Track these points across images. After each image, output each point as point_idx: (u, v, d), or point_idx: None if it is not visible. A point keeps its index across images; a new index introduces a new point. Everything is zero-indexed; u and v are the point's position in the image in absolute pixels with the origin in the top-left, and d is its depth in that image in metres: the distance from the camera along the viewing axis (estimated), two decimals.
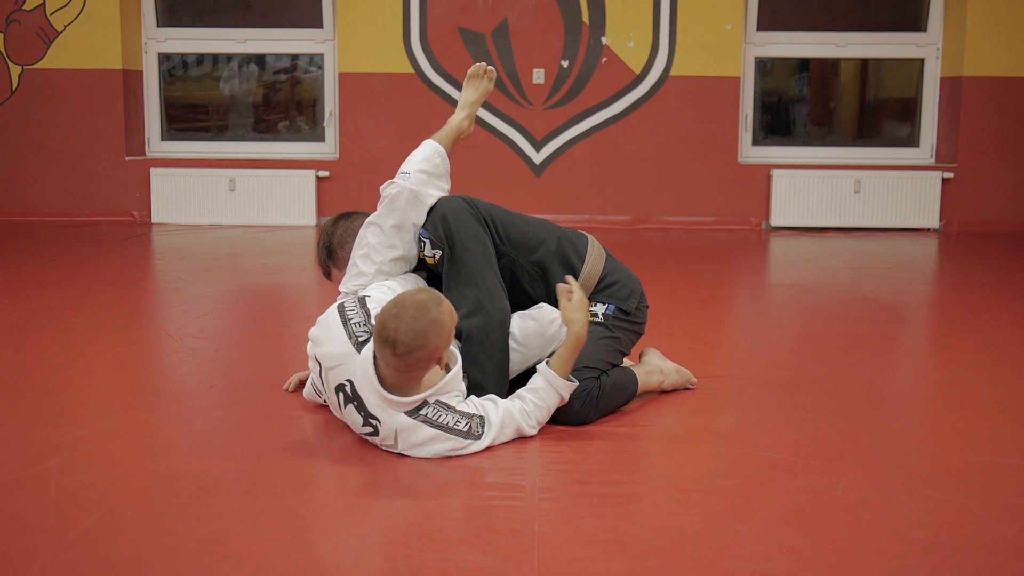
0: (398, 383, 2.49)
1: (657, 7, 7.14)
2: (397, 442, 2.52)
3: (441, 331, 2.42)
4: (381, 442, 2.56)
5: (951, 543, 2.05)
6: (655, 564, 1.96)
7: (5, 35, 7.25)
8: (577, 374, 2.75)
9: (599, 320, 2.90)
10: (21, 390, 3.12)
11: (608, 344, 2.89)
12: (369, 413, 2.52)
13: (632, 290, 2.99)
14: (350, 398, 2.55)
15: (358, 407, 2.54)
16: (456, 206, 2.88)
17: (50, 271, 5.30)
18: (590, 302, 2.91)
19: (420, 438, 2.50)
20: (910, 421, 3.01)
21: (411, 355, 2.40)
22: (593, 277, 2.94)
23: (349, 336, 2.57)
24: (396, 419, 2.49)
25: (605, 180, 7.26)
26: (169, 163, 7.35)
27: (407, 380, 2.49)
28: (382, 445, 2.57)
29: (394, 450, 2.54)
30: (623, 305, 2.95)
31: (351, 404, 2.55)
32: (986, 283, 5.16)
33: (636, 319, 2.98)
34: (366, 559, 2.00)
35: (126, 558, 1.96)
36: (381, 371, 2.48)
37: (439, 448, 2.51)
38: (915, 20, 7.39)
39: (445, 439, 2.51)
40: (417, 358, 2.42)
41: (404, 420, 2.49)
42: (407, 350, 2.39)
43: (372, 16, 7.19)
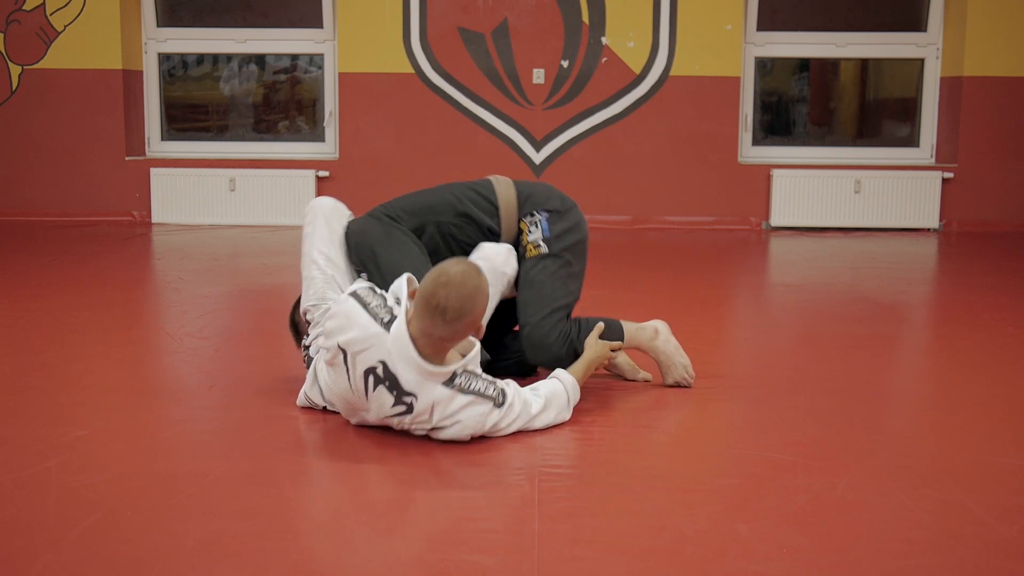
0: (433, 353, 2.56)
1: (657, 7, 7.14)
2: (432, 416, 2.56)
3: (485, 297, 2.55)
4: (413, 420, 2.58)
5: (951, 543, 2.05)
6: (655, 564, 1.96)
7: (5, 35, 7.25)
8: (548, 317, 2.94)
9: (542, 247, 3.03)
10: (21, 390, 3.11)
11: (561, 273, 3.04)
12: (403, 391, 2.55)
13: (551, 194, 3.14)
14: (381, 379, 2.56)
15: (390, 387, 2.56)
16: (351, 229, 3.13)
17: (50, 271, 5.30)
18: (524, 225, 3.08)
19: (455, 406, 2.56)
20: (910, 421, 3.01)
21: (460, 321, 2.50)
22: (511, 202, 3.11)
23: (374, 318, 2.59)
24: (433, 392, 2.55)
25: (605, 180, 7.26)
26: (169, 163, 7.35)
27: (444, 350, 2.57)
28: (413, 423, 2.59)
29: (424, 427, 2.58)
30: (549, 206, 3.09)
31: (381, 385, 2.56)
32: (986, 283, 5.16)
33: (572, 219, 3.10)
34: (366, 559, 2.00)
35: (126, 558, 1.96)
36: (417, 343, 2.53)
37: (471, 415, 2.57)
38: (915, 20, 7.39)
39: (479, 403, 2.58)
40: (465, 324, 2.52)
41: (441, 392, 2.55)
42: (457, 316, 2.49)
43: (372, 16, 7.19)
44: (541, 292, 3.01)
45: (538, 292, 3.01)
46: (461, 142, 7.28)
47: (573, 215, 3.13)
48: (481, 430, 2.61)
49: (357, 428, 2.74)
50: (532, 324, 2.99)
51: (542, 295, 3.01)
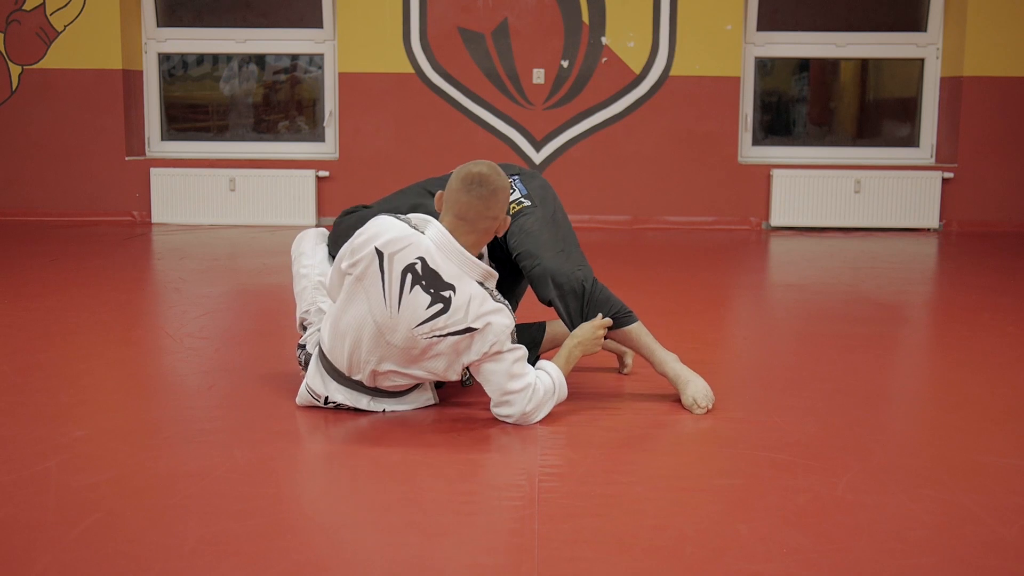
0: (469, 247, 2.67)
1: (657, 7, 7.14)
2: (468, 312, 2.62)
3: (508, 190, 2.71)
4: (447, 320, 2.62)
5: (951, 543, 2.05)
6: (655, 564, 1.96)
7: (5, 35, 7.25)
8: (561, 254, 2.93)
9: (524, 203, 3.02)
10: (21, 390, 3.11)
11: (558, 219, 3.05)
12: (443, 284, 2.62)
13: (513, 165, 3.20)
14: (419, 276, 2.63)
15: (427, 285, 2.62)
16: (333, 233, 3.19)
17: (50, 271, 5.30)
18: None
19: (488, 307, 2.64)
20: (910, 421, 3.01)
21: (495, 196, 2.65)
22: None
23: (408, 224, 2.70)
24: (471, 286, 2.64)
25: (605, 180, 7.26)
26: (169, 163, 7.35)
27: (478, 243, 2.69)
28: (447, 326, 2.62)
29: (458, 327, 2.62)
30: (513, 170, 3.13)
31: (418, 285, 2.62)
32: (986, 283, 5.16)
33: (541, 180, 3.15)
34: (366, 559, 2.00)
35: (126, 558, 1.96)
36: (455, 236, 2.66)
37: (500, 322, 2.63)
38: (915, 20, 7.40)
39: (505, 314, 2.66)
40: (499, 201, 2.66)
41: (477, 288, 2.64)
42: (492, 190, 2.65)
43: (372, 16, 7.19)
44: (540, 238, 2.95)
45: (536, 236, 2.96)
46: (461, 142, 7.28)
47: (540, 178, 3.18)
48: (502, 348, 2.66)
49: (357, 428, 2.74)
50: (538, 264, 2.91)
51: (541, 240, 2.95)
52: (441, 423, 2.80)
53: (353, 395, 2.84)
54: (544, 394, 2.78)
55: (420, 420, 2.82)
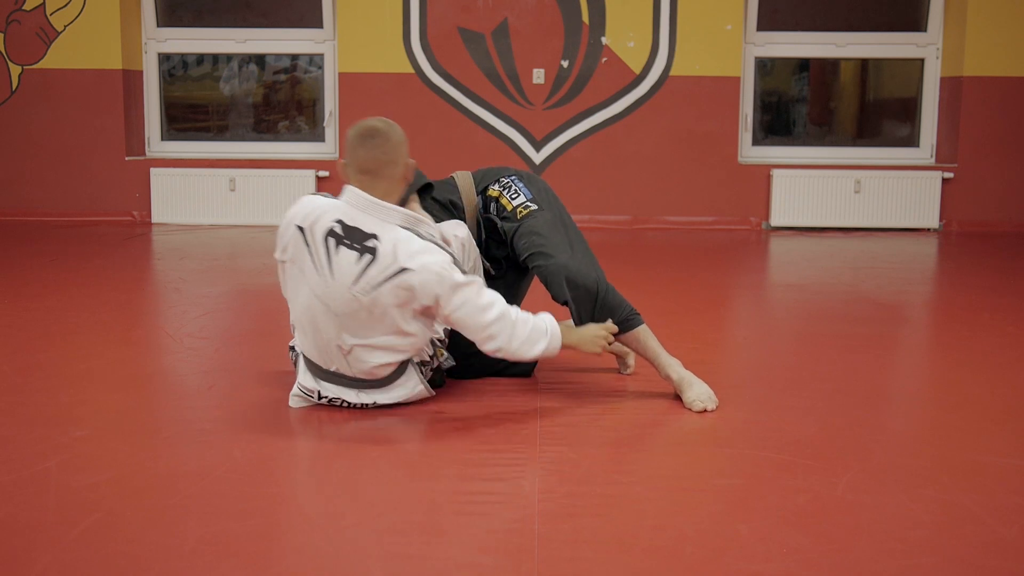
0: (381, 196, 2.72)
1: (657, 7, 7.14)
2: (397, 255, 2.62)
3: (405, 140, 2.79)
4: (381, 271, 2.63)
5: (951, 543, 2.05)
6: (655, 564, 1.96)
7: (5, 35, 7.25)
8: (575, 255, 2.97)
9: (531, 206, 3.10)
10: (21, 390, 3.12)
11: (566, 222, 3.11)
12: (365, 236, 2.65)
13: (506, 166, 3.28)
14: (341, 237, 2.66)
15: (351, 242, 2.65)
16: None
17: (50, 271, 5.30)
18: (495, 192, 3.17)
19: (416, 247, 2.64)
20: (910, 421, 3.01)
21: (389, 142, 2.72)
22: (467, 179, 3.25)
23: (323, 196, 2.78)
24: (395, 231, 2.66)
25: (605, 180, 7.26)
26: (169, 163, 7.35)
27: (388, 191, 2.73)
28: (380, 273, 2.62)
29: (391, 271, 2.62)
30: (508, 172, 3.21)
31: (342, 245, 2.66)
32: (986, 283, 5.16)
33: (540, 182, 3.21)
34: (366, 559, 2.00)
35: (126, 558, 1.96)
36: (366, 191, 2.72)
37: (435, 260, 2.62)
38: (915, 20, 7.40)
39: (438, 251, 2.65)
40: (394, 147, 2.72)
41: (401, 232, 2.67)
42: (385, 137, 2.72)
43: (372, 16, 7.19)
44: (551, 238, 3.01)
45: (547, 236, 3.01)
46: (461, 142, 7.28)
47: (540, 180, 3.24)
48: (444, 284, 2.62)
49: (356, 428, 2.74)
50: (551, 262, 2.96)
51: (552, 239, 3.01)
52: (440, 423, 2.80)
53: (340, 390, 2.84)
54: (532, 331, 2.74)
55: (419, 420, 2.82)
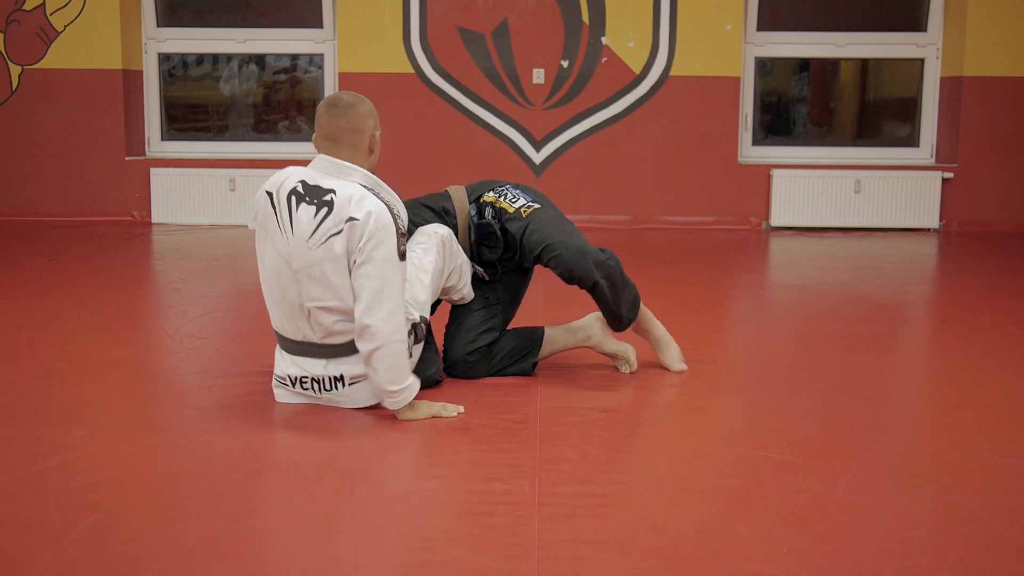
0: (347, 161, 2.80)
1: (657, 7, 7.14)
2: (350, 204, 2.68)
3: (373, 112, 2.85)
4: (334, 218, 2.68)
5: (951, 543, 2.05)
6: (655, 564, 1.96)
7: (5, 35, 7.25)
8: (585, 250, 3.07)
9: (534, 205, 3.19)
10: (21, 390, 3.12)
11: (559, 218, 3.21)
12: (324, 191, 2.72)
13: (491, 181, 3.34)
14: (303, 195, 2.74)
15: (311, 198, 2.73)
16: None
17: (50, 271, 5.30)
18: (493, 199, 3.23)
19: (370, 204, 2.69)
20: (910, 421, 3.01)
21: (352, 109, 2.80)
22: (460, 190, 3.28)
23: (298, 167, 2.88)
24: (354, 188, 2.73)
25: (605, 180, 7.26)
26: (169, 163, 7.35)
27: (351, 159, 2.80)
28: (335, 224, 2.67)
29: (341, 218, 2.67)
30: (502, 183, 3.30)
31: (303, 202, 2.73)
32: (986, 283, 5.16)
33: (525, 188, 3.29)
34: (366, 559, 2.00)
35: (126, 558, 1.96)
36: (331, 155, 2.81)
37: (381, 216, 2.67)
38: (915, 20, 7.40)
39: (385, 212, 2.69)
40: (358, 114, 2.79)
41: (359, 188, 2.73)
42: (349, 105, 2.80)
43: (372, 16, 7.19)
44: (560, 229, 3.12)
45: (557, 228, 3.12)
46: (461, 142, 7.28)
47: (532, 188, 3.33)
48: (379, 242, 2.66)
49: (356, 428, 2.74)
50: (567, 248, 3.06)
51: (562, 230, 3.13)
52: (440, 423, 2.80)
53: (309, 363, 2.84)
54: (400, 368, 2.71)
55: (419, 421, 2.82)
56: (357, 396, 2.86)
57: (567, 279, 3.08)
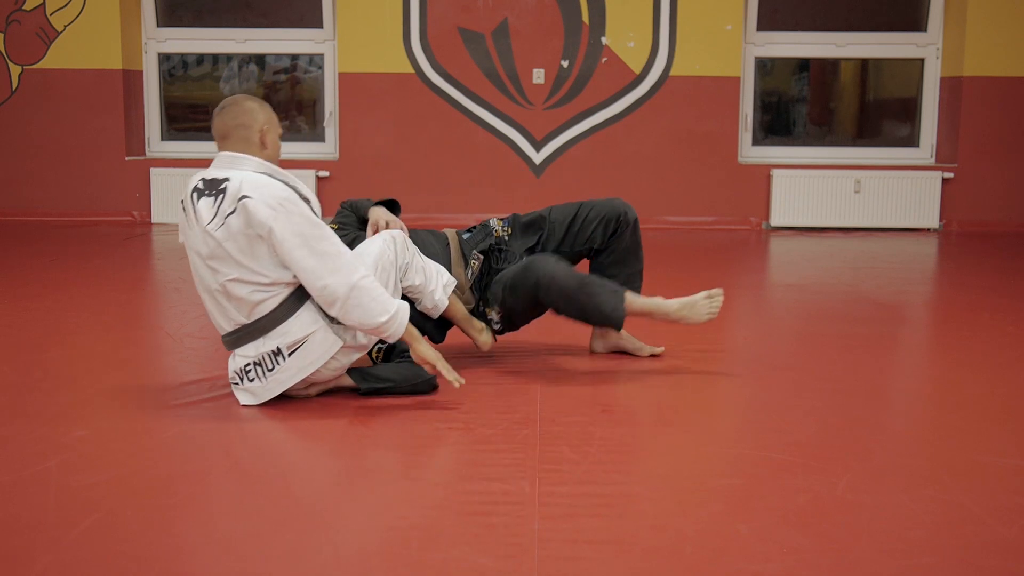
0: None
1: (657, 7, 7.14)
2: (242, 188, 2.73)
3: (258, 108, 2.90)
4: (227, 203, 2.73)
5: (951, 543, 2.05)
6: (655, 564, 1.96)
7: (5, 35, 7.25)
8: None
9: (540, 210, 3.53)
10: (21, 390, 3.12)
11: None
12: (219, 181, 2.79)
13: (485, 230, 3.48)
14: (202, 190, 2.81)
15: (208, 190, 2.80)
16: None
17: (50, 271, 5.30)
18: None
19: (262, 181, 2.76)
20: (910, 421, 3.01)
21: (236, 105, 2.87)
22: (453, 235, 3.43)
23: None
24: (245, 173, 2.80)
25: (605, 180, 7.26)
26: (169, 163, 7.35)
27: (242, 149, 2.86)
28: (229, 207, 2.73)
29: (235, 199, 2.72)
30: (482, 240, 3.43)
31: (203, 196, 2.80)
32: (986, 283, 5.16)
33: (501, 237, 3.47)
34: (366, 559, 2.00)
35: (126, 558, 1.96)
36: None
37: (271, 192, 2.72)
38: (915, 20, 7.40)
39: (281, 187, 2.77)
40: (244, 111, 2.86)
41: (251, 174, 2.80)
42: (231, 102, 2.89)
43: (372, 16, 7.19)
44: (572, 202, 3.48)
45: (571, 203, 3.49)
46: (461, 142, 7.28)
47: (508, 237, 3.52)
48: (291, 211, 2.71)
49: (356, 428, 2.74)
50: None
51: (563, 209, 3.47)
52: (440, 423, 2.80)
53: (246, 348, 2.86)
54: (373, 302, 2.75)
55: (419, 421, 2.82)
56: (306, 362, 2.83)
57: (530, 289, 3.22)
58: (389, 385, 2.98)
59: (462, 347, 3.48)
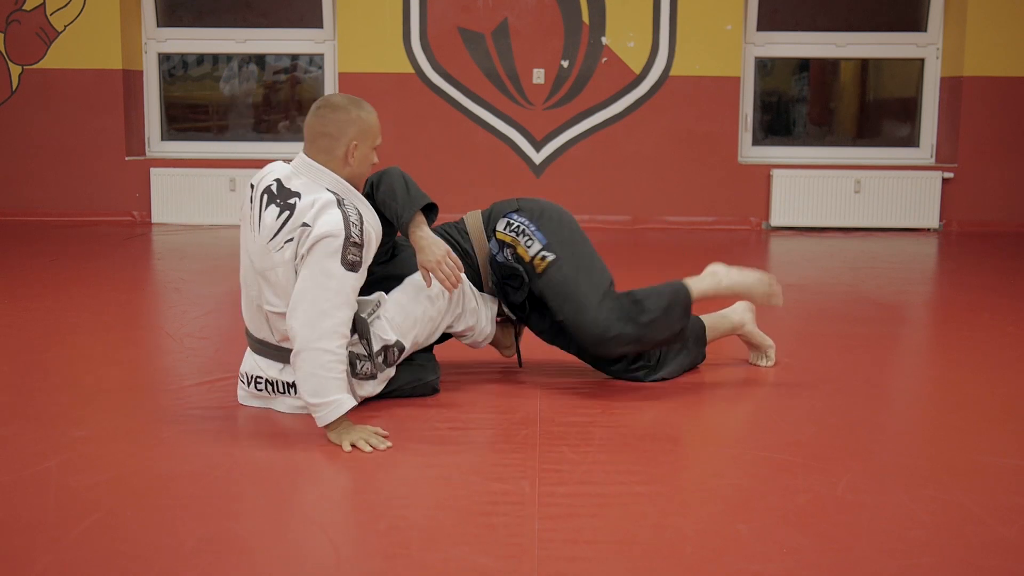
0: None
1: (657, 7, 7.14)
2: (310, 212, 2.62)
3: (359, 119, 2.73)
4: (293, 223, 2.63)
5: (951, 543, 2.05)
6: (655, 564, 1.96)
7: (5, 35, 7.25)
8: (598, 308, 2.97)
9: (548, 257, 3.02)
10: (21, 390, 3.12)
11: (583, 266, 3.04)
12: (290, 194, 2.68)
13: (509, 200, 3.17)
14: (274, 195, 2.70)
15: (279, 199, 2.68)
16: None
17: (50, 271, 5.30)
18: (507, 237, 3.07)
19: (326, 213, 2.61)
20: (910, 421, 3.01)
21: (333, 113, 2.71)
22: (477, 219, 3.13)
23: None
24: (320, 193, 2.67)
25: (605, 180, 7.26)
26: (169, 163, 7.35)
27: (327, 164, 2.72)
28: (292, 228, 2.62)
29: (298, 224, 2.62)
30: (512, 207, 3.11)
31: (272, 203, 2.69)
32: (986, 283, 5.16)
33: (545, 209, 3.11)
34: (367, 559, 2.00)
35: (126, 558, 1.96)
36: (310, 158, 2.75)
37: (330, 221, 2.59)
38: (915, 20, 7.39)
39: (337, 221, 2.60)
40: (337, 121, 2.70)
41: (327, 195, 2.66)
42: (330, 107, 2.72)
43: (372, 16, 7.19)
44: (576, 291, 2.98)
45: (572, 292, 2.98)
46: (461, 142, 7.28)
47: (541, 203, 3.14)
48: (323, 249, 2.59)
49: None
50: (584, 322, 2.97)
51: (578, 294, 2.98)
52: (440, 423, 2.80)
53: (266, 363, 2.85)
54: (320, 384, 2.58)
55: (419, 421, 2.82)
56: None
57: None
58: (389, 388, 2.98)
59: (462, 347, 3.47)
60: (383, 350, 2.84)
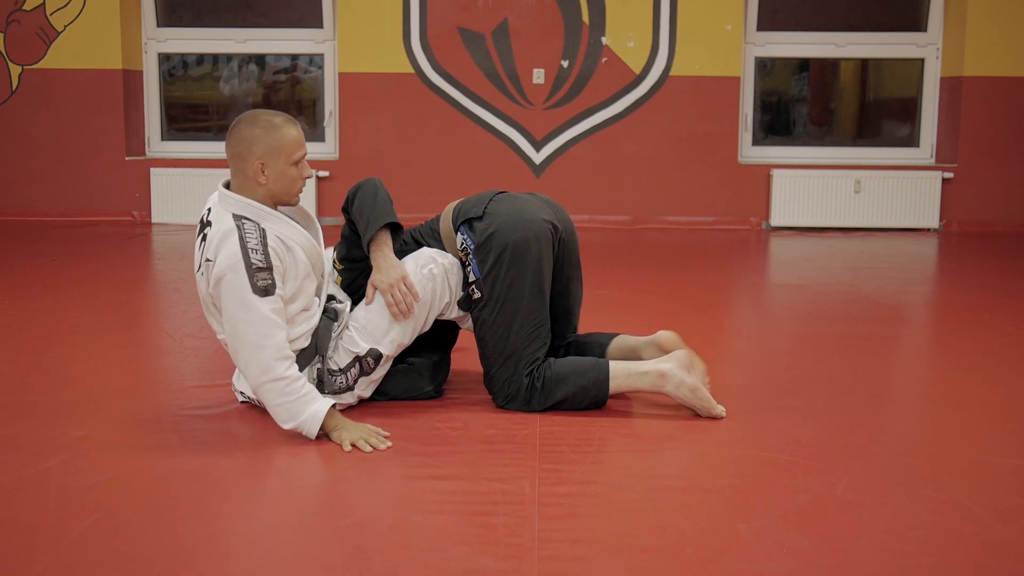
0: (236, 189, 2.69)
1: (657, 7, 7.14)
2: (212, 244, 2.59)
3: (264, 141, 2.63)
4: (203, 254, 2.63)
5: (951, 543, 2.05)
6: (655, 564, 1.96)
7: (5, 35, 7.25)
8: (498, 372, 2.87)
9: (476, 293, 2.85)
10: (21, 390, 3.11)
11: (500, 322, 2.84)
12: (205, 224, 2.67)
13: (481, 199, 2.93)
14: (202, 225, 2.69)
15: (201, 230, 2.68)
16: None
17: (50, 271, 5.30)
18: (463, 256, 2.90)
19: (223, 247, 2.57)
20: (910, 421, 3.01)
21: (238, 132, 2.64)
22: (447, 219, 2.95)
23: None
24: (224, 220, 2.61)
25: (605, 180, 7.26)
26: (169, 163, 7.35)
27: (241, 187, 2.66)
28: (203, 255, 2.63)
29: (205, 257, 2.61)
30: (472, 213, 2.87)
31: (199, 234, 2.69)
32: (986, 283, 5.16)
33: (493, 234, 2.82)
34: (367, 559, 2.00)
35: (126, 558, 1.96)
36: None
37: (228, 256, 2.54)
38: (915, 20, 7.40)
39: (233, 254, 2.54)
40: (240, 140, 2.63)
41: (228, 223, 2.60)
42: (235, 128, 2.66)
43: (372, 16, 7.19)
44: (486, 339, 2.88)
45: (483, 338, 2.89)
46: (461, 142, 7.28)
47: (494, 223, 2.84)
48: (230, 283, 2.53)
49: None
50: (486, 370, 2.93)
51: (487, 343, 2.88)
52: (440, 423, 2.80)
53: (244, 383, 2.89)
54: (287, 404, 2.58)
55: (419, 421, 2.82)
56: None
57: None
58: (385, 398, 2.97)
59: (462, 347, 3.47)
60: (355, 361, 2.81)
